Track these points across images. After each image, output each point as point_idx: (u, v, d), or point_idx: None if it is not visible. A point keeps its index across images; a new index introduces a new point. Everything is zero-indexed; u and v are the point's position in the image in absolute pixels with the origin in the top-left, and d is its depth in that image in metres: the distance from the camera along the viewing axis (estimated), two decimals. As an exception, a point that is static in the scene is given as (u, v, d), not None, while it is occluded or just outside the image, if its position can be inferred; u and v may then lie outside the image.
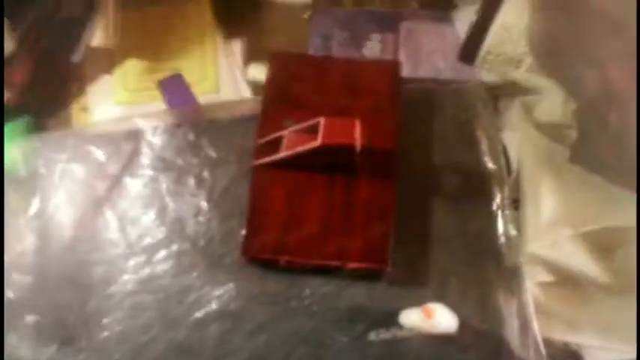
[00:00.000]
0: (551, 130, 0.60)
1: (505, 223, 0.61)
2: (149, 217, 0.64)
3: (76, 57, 0.68)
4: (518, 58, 0.62)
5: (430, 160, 0.64)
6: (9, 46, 0.66)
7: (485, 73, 0.67)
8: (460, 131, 0.65)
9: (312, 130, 0.56)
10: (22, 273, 0.62)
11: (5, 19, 0.66)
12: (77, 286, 0.62)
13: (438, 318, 0.52)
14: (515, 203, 0.61)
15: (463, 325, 0.55)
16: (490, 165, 0.63)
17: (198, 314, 0.60)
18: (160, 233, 0.63)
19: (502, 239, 0.60)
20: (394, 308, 0.58)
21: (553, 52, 0.59)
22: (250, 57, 0.73)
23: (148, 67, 0.73)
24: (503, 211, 0.61)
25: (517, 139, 0.63)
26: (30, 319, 0.61)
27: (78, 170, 0.66)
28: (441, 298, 0.58)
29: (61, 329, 0.61)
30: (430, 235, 0.61)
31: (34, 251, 0.63)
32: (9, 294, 0.62)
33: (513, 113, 0.64)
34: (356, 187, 0.60)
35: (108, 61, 0.74)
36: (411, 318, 0.55)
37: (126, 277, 0.62)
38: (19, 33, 0.68)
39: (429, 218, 0.62)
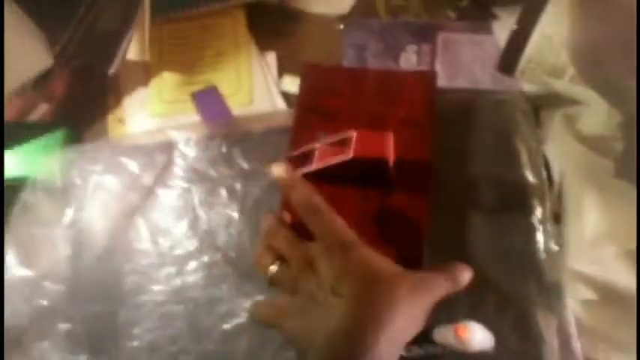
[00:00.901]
0: (595, 143, 0.58)
1: (546, 238, 0.58)
2: (181, 228, 0.64)
3: (113, 69, 0.68)
4: (560, 68, 0.60)
5: (468, 171, 0.62)
6: (47, 61, 0.67)
7: (526, 83, 0.65)
8: (500, 142, 0.63)
9: (344, 143, 0.55)
10: (55, 282, 0.63)
11: (44, 34, 0.67)
12: (109, 295, 0.62)
13: (472, 336, 0.50)
14: (557, 217, 0.59)
15: (500, 343, 0.52)
16: (531, 178, 0.60)
17: (228, 326, 0.59)
18: (192, 244, 0.63)
19: (542, 254, 0.58)
20: (428, 324, 0.56)
21: (596, 62, 0.57)
22: (284, 69, 0.72)
23: (182, 80, 0.73)
24: (544, 226, 0.59)
25: (559, 152, 0.60)
26: (62, 327, 0.61)
27: (112, 181, 0.66)
28: (476, 314, 0.55)
29: (92, 338, 0.61)
30: (467, 248, 0.59)
31: (67, 260, 0.64)
32: (43, 302, 0.62)
33: (555, 125, 0.61)
34: (389, 200, 0.58)
35: (143, 73, 0.75)
36: (445, 335, 0.53)
37: (157, 287, 0.62)
38: (58, 46, 0.69)
39: (466, 231, 0.60)
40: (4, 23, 0.57)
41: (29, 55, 0.65)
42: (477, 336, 0.50)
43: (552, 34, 0.59)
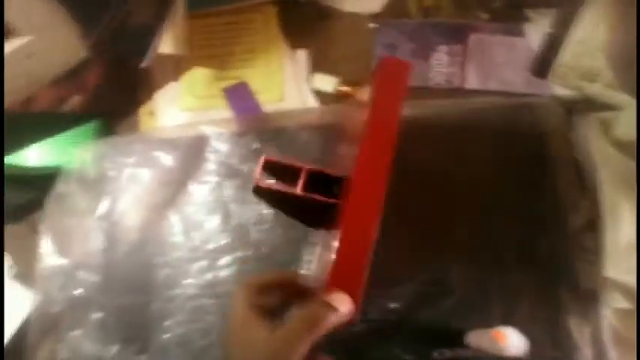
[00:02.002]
0: (631, 149, 0.58)
1: (580, 245, 0.58)
2: (213, 222, 0.65)
3: (146, 63, 0.69)
4: (595, 72, 0.60)
5: (501, 176, 0.62)
6: (80, 52, 0.68)
7: (559, 87, 0.65)
8: (533, 146, 0.63)
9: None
10: (89, 272, 0.64)
11: (78, 26, 0.68)
12: (141, 287, 0.63)
13: (508, 341, 0.50)
14: (592, 224, 0.59)
15: (533, 349, 0.52)
16: (565, 183, 0.60)
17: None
18: (224, 239, 0.64)
19: (577, 262, 0.58)
20: (460, 327, 0.56)
21: (633, 66, 0.57)
22: (315, 66, 0.73)
23: (214, 75, 0.74)
24: (578, 233, 0.59)
25: (593, 157, 0.60)
26: (95, 316, 0.63)
27: (145, 174, 0.67)
28: (509, 319, 0.56)
29: (123, 329, 0.62)
30: (500, 253, 0.59)
31: (101, 251, 0.65)
32: (77, 291, 0.63)
33: (589, 129, 0.61)
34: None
35: (175, 67, 0.75)
36: (479, 339, 0.54)
37: (189, 280, 0.63)
38: (92, 38, 0.70)
39: (499, 236, 0.60)
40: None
41: (63, 46, 0.65)
42: (513, 341, 0.50)
43: (588, 38, 0.59)
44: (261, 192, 0.64)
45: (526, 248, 0.60)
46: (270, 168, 0.62)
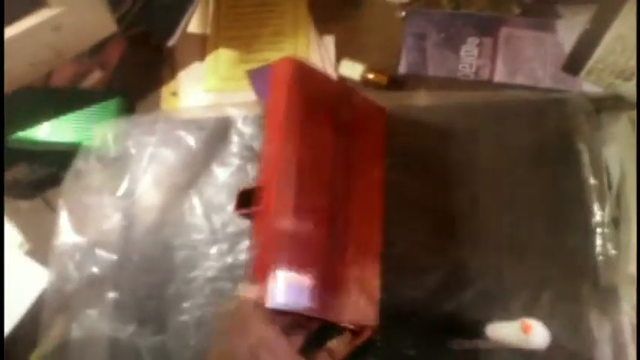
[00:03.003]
0: (662, 148, 0.57)
1: (603, 241, 0.58)
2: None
3: (173, 41, 0.68)
4: (631, 70, 0.59)
5: (526, 169, 0.62)
6: (109, 28, 0.67)
7: (588, 84, 0.64)
8: (560, 142, 0.62)
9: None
10: (107, 250, 0.63)
11: (107, 1, 0.67)
12: (159, 268, 0.63)
13: (533, 334, 0.50)
14: (616, 221, 0.58)
15: (553, 342, 0.52)
16: (591, 179, 0.60)
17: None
18: (244, 223, 0.63)
19: (599, 257, 0.57)
20: (480, 318, 0.56)
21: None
22: (342, 53, 0.72)
23: (239, 57, 0.73)
24: (602, 229, 0.58)
25: (621, 155, 0.60)
26: (111, 296, 0.62)
27: (167, 154, 0.66)
28: (529, 312, 0.55)
29: (140, 309, 0.61)
30: (523, 246, 0.59)
31: (119, 230, 0.64)
32: (93, 269, 0.63)
33: (619, 127, 0.61)
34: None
35: (200, 47, 0.74)
36: (503, 331, 0.53)
37: (208, 263, 0.62)
38: (117, 14, 0.69)
39: (522, 229, 0.59)
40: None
41: (91, 21, 0.64)
42: (538, 335, 0.50)
43: (627, 35, 0.58)
44: None
45: (548, 242, 0.59)
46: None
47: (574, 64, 0.63)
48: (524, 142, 0.63)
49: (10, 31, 0.59)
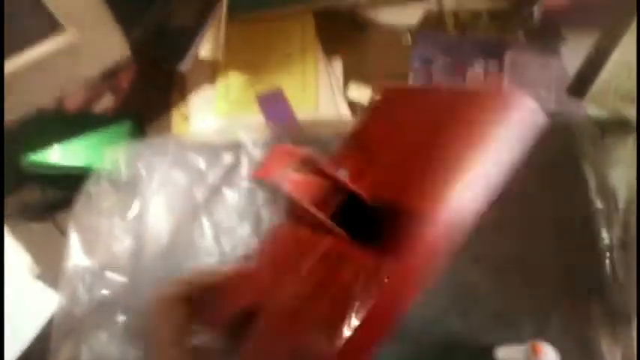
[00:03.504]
0: (668, 172, 0.58)
1: (612, 264, 0.58)
2: (244, 228, 0.64)
3: (184, 66, 0.69)
4: (635, 94, 0.60)
5: (535, 191, 0.62)
6: (122, 52, 0.68)
7: (593, 107, 0.65)
8: (566, 166, 0.63)
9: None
10: (117, 273, 0.63)
11: (119, 26, 0.68)
12: (169, 290, 0.62)
13: (543, 357, 0.50)
14: (624, 245, 0.58)
15: (563, 365, 0.52)
16: (598, 203, 0.60)
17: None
18: (254, 245, 0.63)
19: (609, 280, 0.58)
20: (490, 341, 0.56)
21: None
22: (351, 77, 0.73)
23: (249, 81, 0.74)
24: (610, 252, 0.58)
25: (628, 178, 0.60)
26: (121, 319, 0.62)
27: (178, 177, 0.67)
28: (539, 335, 0.55)
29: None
30: (531, 268, 0.59)
31: (130, 253, 0.64)
32: (103, 292, 0.63)
33: (625, 151, 0.61)
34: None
35: (210, 72, 0.75)
36: (512, 354, 0.53)
37: (218, 286, 0.62)
38: (130, 39, 0.70)
39: (531, 251, 0.60)
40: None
41: (106, 46, 0.65)
42: (548, 356, 0.50)
43: (631, 59, 0.59)
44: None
45: (557, 265, 0.59)
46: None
47: (579, 87, 0.64)
48: (531, 165, 0.63)
49: (27, 56, 0.60)
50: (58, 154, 0.71)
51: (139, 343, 0.61)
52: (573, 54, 0.69)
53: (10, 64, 0.61)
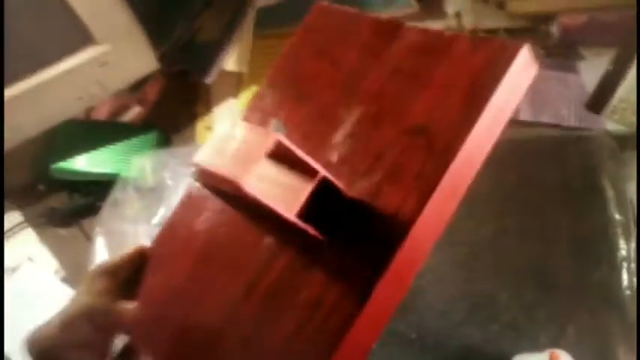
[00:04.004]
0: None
1: (630, 277, 0.59)
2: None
3: (210, 79, 0.72)
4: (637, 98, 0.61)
5: (553, 204, 0.63)
6: (152, 65, 0.70)
7: (612, 123, 0.66)
8: (585, 179, 0.64)
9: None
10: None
11: (149, 40, 0.70)
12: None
13: (561, 367, 0.50)
14: (642, 257, 0.59)
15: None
16: (616, 215, 0.61)
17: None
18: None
19: (626, 292, 0.58)
20: (507, 351, 0.56)
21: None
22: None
23: (272, 94, 0.76)
24: (628, 263, 0.59)
25: (645, 191, 0.61)
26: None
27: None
28: (556, 345, 0.56)
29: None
30: (549, 279, 0.60)
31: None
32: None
33: (642, 165, 0.62)
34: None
35: (235, 85, 0.78)
36: (528, 363, 0.54)
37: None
38: (158, 52, 0.72)
39: (549, 263, 0.61)
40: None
41: (136, 58, 0.68)
42: (566, 367, 0.50)
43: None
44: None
45: (575, 276, 0.60)
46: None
47: (597, 103, 0.65)
48: (550, 178, 0.65)
49: (60, 67, 0.62)
50: (86, 162, 0.73)
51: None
52: (591, 71, 0.70)
53: (43, 75, 0.63)
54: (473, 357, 0.58)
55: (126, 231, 0.68)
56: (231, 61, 0.74)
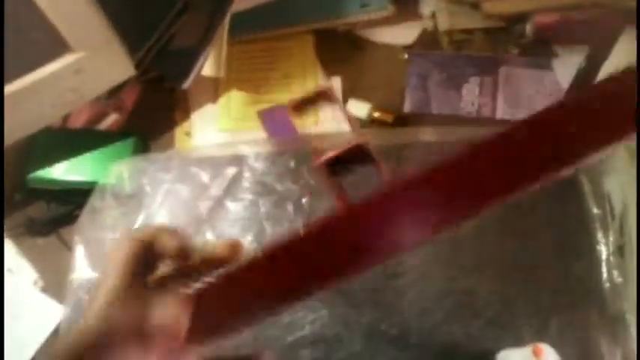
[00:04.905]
0: (661, 177, 0.59)
1: (609, 269, 0.59)
2: (247, 240, 0.65)
3: (187, 84, 0.71)
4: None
5: (532, 201, 0.64)
6: (128, 72, 0.70)
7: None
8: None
9: None
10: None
11: (125, 46, 0.70)
12: (173, 301, 0.63)
13: (545, 359, 0.51)
14: (621, 250, 0.60)
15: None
16: (594, 209, 0.62)
17: (291, 338, 0.60)
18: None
19: (606, 285, 0.59)
20: (490, 347, 0.57)
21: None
22: (349, 93, 0.75)
23: (250, 98, 0.76)
24: (607, 257, 0.60)
25: (622, 185, 0.62)
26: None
27: (181, 190, 0.68)
28: (539, 340, 0.56)
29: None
30: (530, 274, 0.60)
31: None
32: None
33: (618, 158, 0.63)
34: None
35: (212, 90, 0.77)
36: (513, 358, 0.54)
37: (222, 296, 0.63)
38: (135, 59, 0.72)
39: (529, 258, 0.61)
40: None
41: (111, 65, 0.67)
42: (549, 358, 0.51)
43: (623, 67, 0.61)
44: None
45: (555, 270, 0.61)
46: None
47: (572, 99, 0.66)
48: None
49: (35, 75, 0.62)
50: (63, 170, 0.72)
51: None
52: (565, 68, 0.71)
53: (18, 83, 0.62)
54: (457, 354, 0.58)
55: (105, 238, 0.67)
56: (208, 67, 0.73)
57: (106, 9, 0.63)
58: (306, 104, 0.74)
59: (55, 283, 0.68)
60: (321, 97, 0.74)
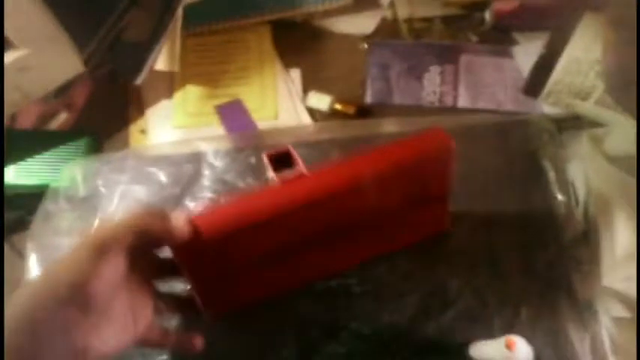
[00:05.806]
0: (623, 163, 0.60)
1: (576, 255, 0.59)
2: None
3: (140, 80, 0.68)
4: (587, 90, 0.62)
5: (496, 190, 0.63)
6: (76, 68, 0.67)
7: (548, 105, 0.67)
8: (525, 162, 0.64)
9: None
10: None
11: (73, 42, 0.67)
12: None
13: (517, 351, 0.50)
14: (586, 235, 0.60)
15: (535, 358, 0.53)
16: (559, 196, 0.62)
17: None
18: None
19: (573, 272, 0.59)
20: (462, 339, 0.56)
21: (628, 84, 0.59)
22: (309, 85, 0.73)
23: (206, 93, 0.74)
24: (573, 243, 0.60)
25: (585, 171, 0.62)
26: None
27: (138, 191, 0.66)
28: (510, 330, 0.56)
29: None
30: (499, 263, 0.60)
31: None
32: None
33: (581, 145, 0.63)
34: None
35: (167, 85, 0.75)
36: (487, 350, 0.53)
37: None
38: (84, 54, 0.69)
39: (496, 249, 0.61)
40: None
41: (58, 62, 0.64)
42: (522, 351, 0.50)
43: (581, 57, 0.61)
44: None
45: (524, 259, 0.60)
46: None
47: (533, 87, 0.66)
48: (492, 163, 0.65)
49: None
50: (12, 174, 0.68)
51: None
52: (525, 55, 0.71)
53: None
54: (429, 349, 0.57)
55: (60, 245, 0.64)
56: (161, 60, 0.71)
57: (49, 3, 0.60)
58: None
59: (8, 293, 0.65)
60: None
